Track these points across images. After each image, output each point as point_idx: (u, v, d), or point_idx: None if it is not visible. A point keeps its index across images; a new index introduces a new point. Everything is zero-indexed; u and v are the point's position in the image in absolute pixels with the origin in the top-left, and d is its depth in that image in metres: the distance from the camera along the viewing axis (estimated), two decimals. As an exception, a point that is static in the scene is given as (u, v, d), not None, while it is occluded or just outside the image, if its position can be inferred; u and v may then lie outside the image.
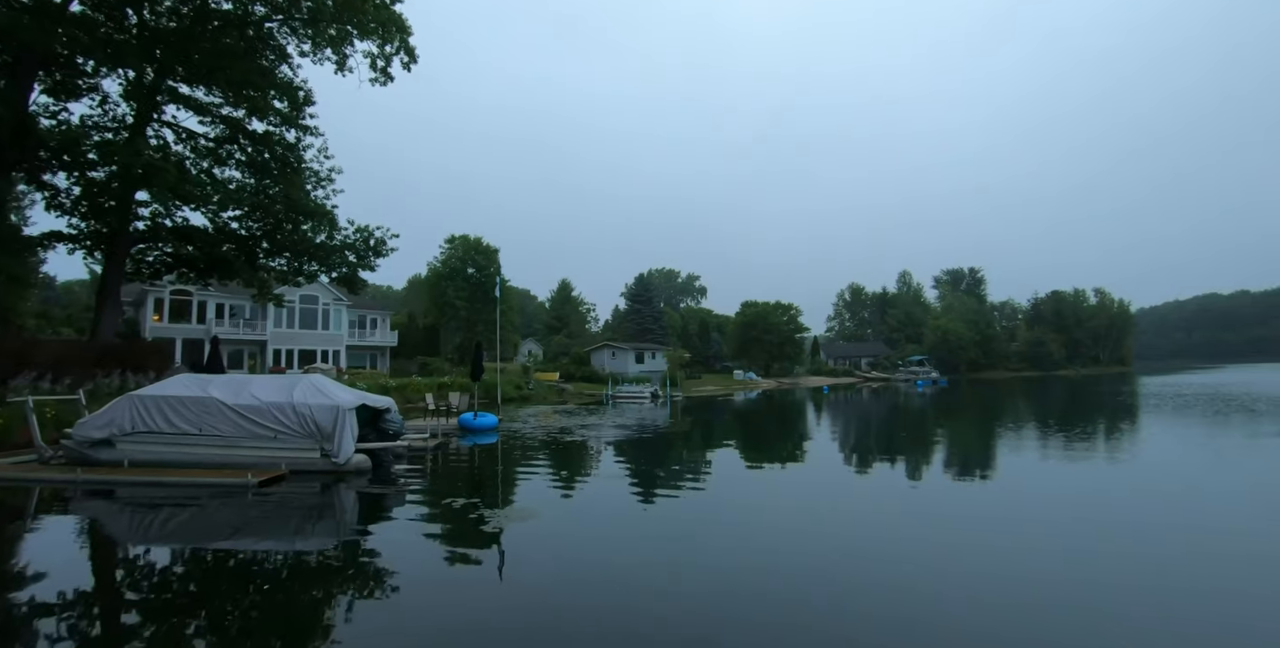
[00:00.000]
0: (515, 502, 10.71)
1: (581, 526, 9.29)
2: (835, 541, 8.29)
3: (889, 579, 6.70)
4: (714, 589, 6.35)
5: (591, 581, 6.75)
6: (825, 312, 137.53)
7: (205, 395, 12.63)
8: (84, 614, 5.93)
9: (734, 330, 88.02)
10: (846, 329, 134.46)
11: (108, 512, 10.37)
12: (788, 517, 9.74)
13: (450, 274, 62.71)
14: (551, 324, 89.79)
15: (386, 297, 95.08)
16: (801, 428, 25.86)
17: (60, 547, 8.37)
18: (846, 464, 15.58)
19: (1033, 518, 9.50)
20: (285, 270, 26.65)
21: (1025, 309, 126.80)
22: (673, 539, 8.32)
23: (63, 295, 59.82)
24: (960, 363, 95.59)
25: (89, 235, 22.78)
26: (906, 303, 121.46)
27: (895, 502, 10.84)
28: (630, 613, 5.80)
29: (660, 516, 9.95)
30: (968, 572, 6.97)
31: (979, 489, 12.03)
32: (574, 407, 35.63)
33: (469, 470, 14.59)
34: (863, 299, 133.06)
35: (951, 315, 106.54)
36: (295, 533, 9.02)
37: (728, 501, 11.06)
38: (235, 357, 40.94)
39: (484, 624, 5.56)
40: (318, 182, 25.62)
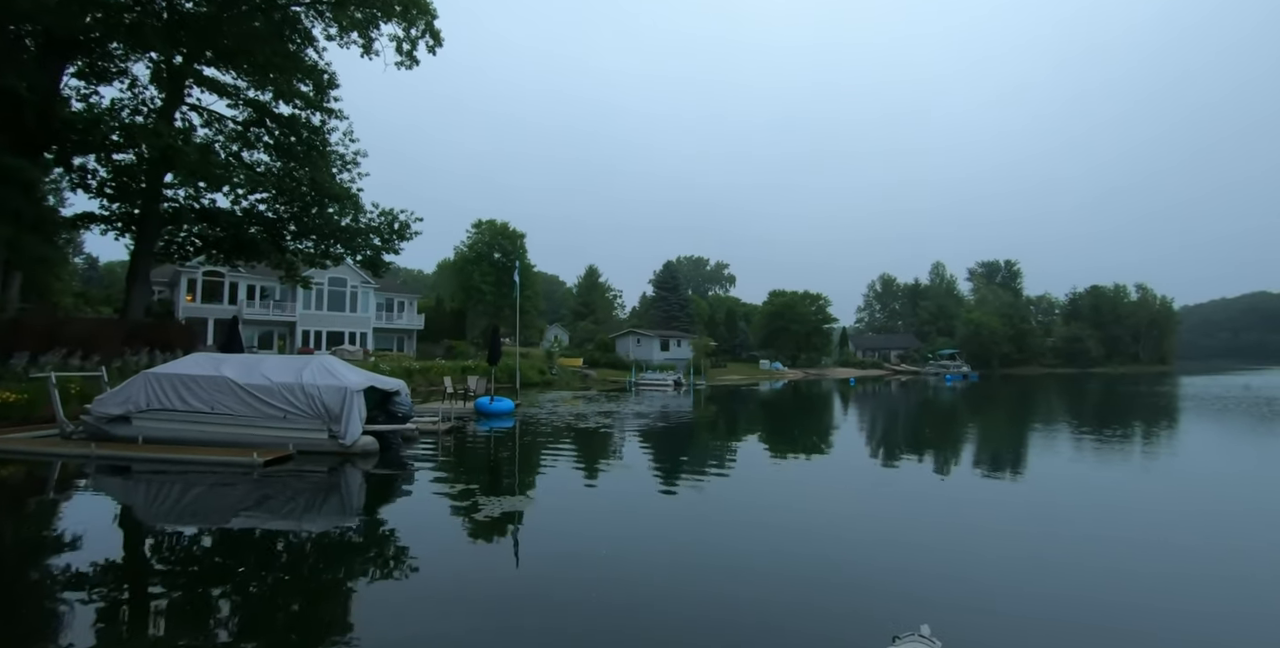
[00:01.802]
0: (525, 489, 10.59)
1: (593, 515, 9.12)
2: (852, 541, 7.97)
3: (896, 584, 6.38)
4: (721, 587, 6.12)
5: (600, 574, 6.50)
6: (855, 302, 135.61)
7: (218, 375, 12.74)
8: (101, 586, 5.99)
9: (761, 320, 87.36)
10: (876, 321, 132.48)
11: (123, 487, 10.55)
12: (806, 514, 9.42)
13: (476, 259, 63.07)
14: (578, 310, 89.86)
15: (416, 280, 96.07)
16: (826, 420, 25.40)
17: (79, 520, 8.52)
18: (870, 459, 15.17)
19: (1055, 526, 8.97)
20: (312, 253, 26.93)
21: (1062, 304, 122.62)
22: (687, 534, 8.07)
23: (104, 275, 61.56)
24: (993, 358, 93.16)
25: (119, 217, 23.23)
26: (939, 295, 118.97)
27: (915, 502, 10.37)
28: (639, 610, 5.58)
29: (677, 507, 9.71)
30: (978, 583, 6.62)
31: (1004, 493, 11.49)
32: (596, 393, 35.59)
33: (481, 455, 14.54)
34: (894, 290, 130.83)
35: (985, 309, 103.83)
36: (301, 514, 9.05)
37: (747, 493, 10.77)
38: (265, 338, 41.72)
39: (488, 612, 5.43)
40: (343, 165, 25.71)
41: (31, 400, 14.64)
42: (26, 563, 6.81)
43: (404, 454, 13.39)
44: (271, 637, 4.96)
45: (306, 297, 41.98)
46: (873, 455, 15.69)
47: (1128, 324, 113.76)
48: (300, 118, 24.22)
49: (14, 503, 9.68)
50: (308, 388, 12.51)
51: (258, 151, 24.91)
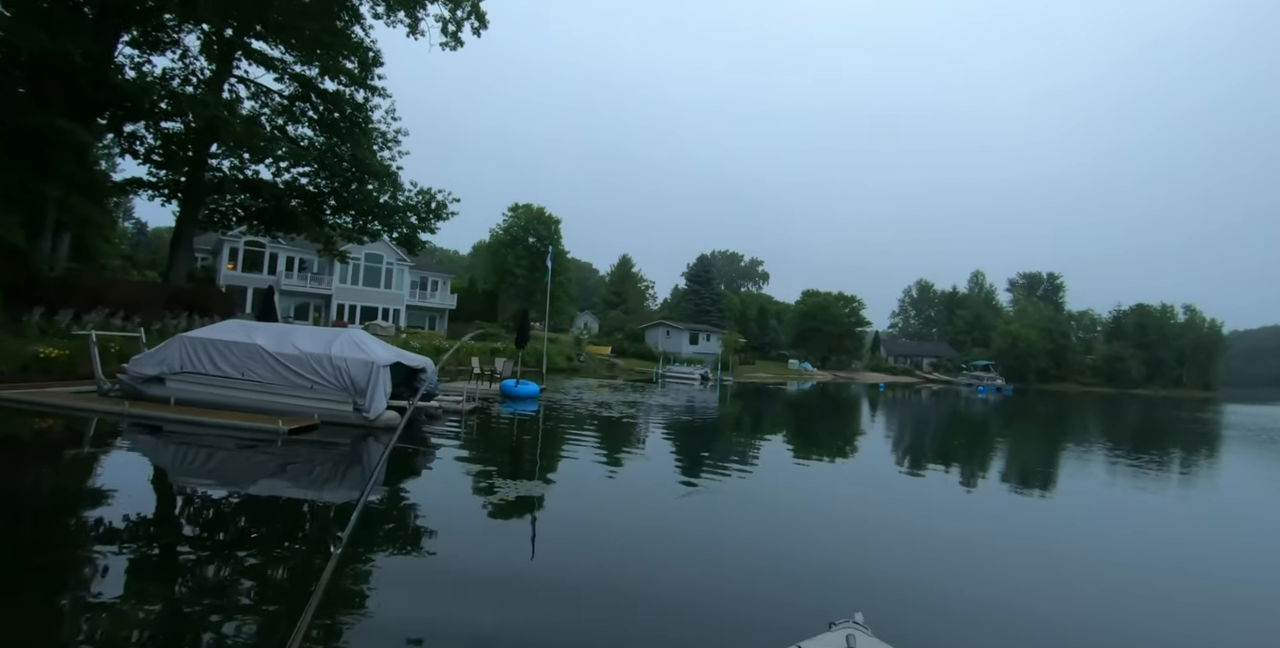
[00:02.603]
0: (544, 474, 10.52)
1: (608, 505, 9.01)
2: (869, 551, 7.74)
3: (903, 598, 6.14)
4: (730, 587, 5.96)
5: (611, 564, 6.38)
6: (889, 307, 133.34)
7: (250, 342, 12.90)
8: (131, 540, 6.09)
9: (793, 319, 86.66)
10: (910, 327, 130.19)
11: (154, 446, 10.74)
12: (820, 518, 9.25)
13: (511, 242, 63.46)
14: (609, 299, 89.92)
15: (452, 261, 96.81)
16: (853, 425, 25.00)
17: (112, 475, 8.79)
18: (894, 467, 14.78)
19: (1078, 551, 8.55)
20: (350, 228, 27.32)
21: (1105, 321, 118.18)
22: (699, 530, 7.94)
23: (152, 240, 63.32)
24: (1029, 372, 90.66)
25: (166, 184, 23.80)
26: (977, 304, 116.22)
27: (931, 513, 10.05)
28: (638, 602, 5.47)
29: (693, 503, 9.53)
30: (997, 604, 6.35)
31: (1023, 509, 11.06)
32: (622, 382, 35.58)
33: (502, 437, 14.57)
34: (930, 297, 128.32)
35: (1024, 321, 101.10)
36: (323, 484, 9.16)
37: (765, 493, 10.57)
38: (302, 309, 42.48)
39: (498, 595, 5.33)
40: (384, 142, 25.94)
41: (73, 357, 15.03)
42: (62, 513, 7.03)
43: (426, 431, 13.45)
44: (290, 603, 4.95)
45: (343, 271, 42.61)
46: (897, 463, 15.32)
47: (1173, 346, 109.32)
48: (344, 94, 24.44)
49: (53, 455, 10.05)
50: (335, 360, 12.61)
51: (302, 126, 25.25)
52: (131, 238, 63.07)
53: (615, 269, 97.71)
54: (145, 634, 4.32)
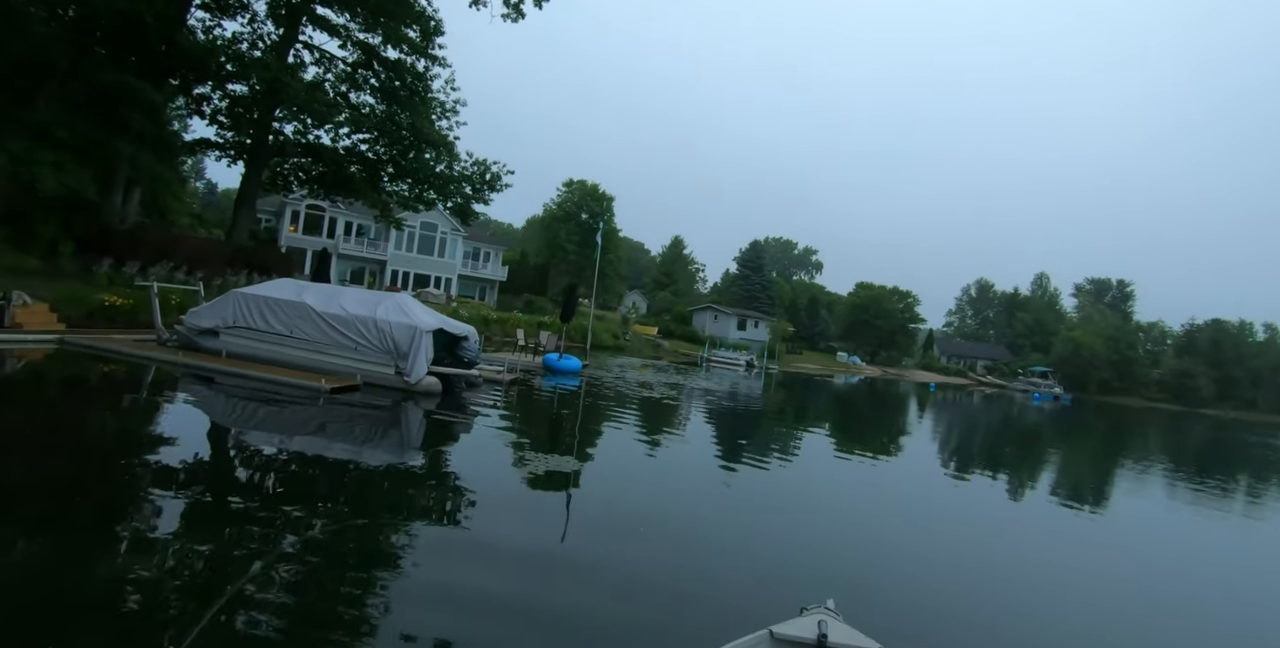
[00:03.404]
0: (579, 450, 10.39)
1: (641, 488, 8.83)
2: (901, 554, 7.45)
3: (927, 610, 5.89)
4: (749, 580, 5.81)
5: (638, 547, 6.29)
6: (946, 305, 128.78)
7: (300, 301, 13.08)
8: (184, 485, 6.31)
9: (844, 311, 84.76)
10: (966, 327, 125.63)
11: (206, 396, 11.02)
12: (858, 518, 8.95)
13: (564, 217, 63.54)
14: (659, 279, 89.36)
15: (505, 234, 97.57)
16: (899, 423, 24.28)
17: (168, 421, 9.12)
18: (939, 469, 14.23)
19: (1107, 568, 8.07)
20: (406, 196, 27.63)
21: (1176, 335, 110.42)
22: (729, 520, 7.75)
23: (221, 201, 65.56)
24: (1089, 382, 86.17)
25: (233, 145, 24.44)
26: (1039, 308, 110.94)
27: (980, 526, 9.58)
28: (662, 586, 5.36)
29: (726, 491, 9.34)
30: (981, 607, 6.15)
31: (1068, 525, 10.40)
32: (666, 364, 35.37)
33: (541, 411, 14.54)
34: (990, 297, 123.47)
35: (1088, 329, 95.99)
36: (362, 443, 9.23)
37: (801, 486, 10.34)
38: (357, 274, 43.46)
39: (526, 568, 5.30)
40: (443, 112, 26.02)
41: (136, 306, 15.55)
42: (121, 453, 7.35)
43: (465, 398, 13.48)
44: (325, 558, 5.07)
45: (398, 238, 43.32)
46: (942, 466, 14.73)
47: (1248, 366, 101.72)
48: (406, 63, 24.52)
49: (114, 398, 10.50)
50: (380, 323, 12.68)
51: (364, 93, 25.50)
52: (202, 198, 65.52)
53: (667, 250, 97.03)
54: (189, 574, 4.50)
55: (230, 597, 4.09)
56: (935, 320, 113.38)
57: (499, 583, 4.88)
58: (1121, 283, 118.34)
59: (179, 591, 4.26)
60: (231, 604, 4.07)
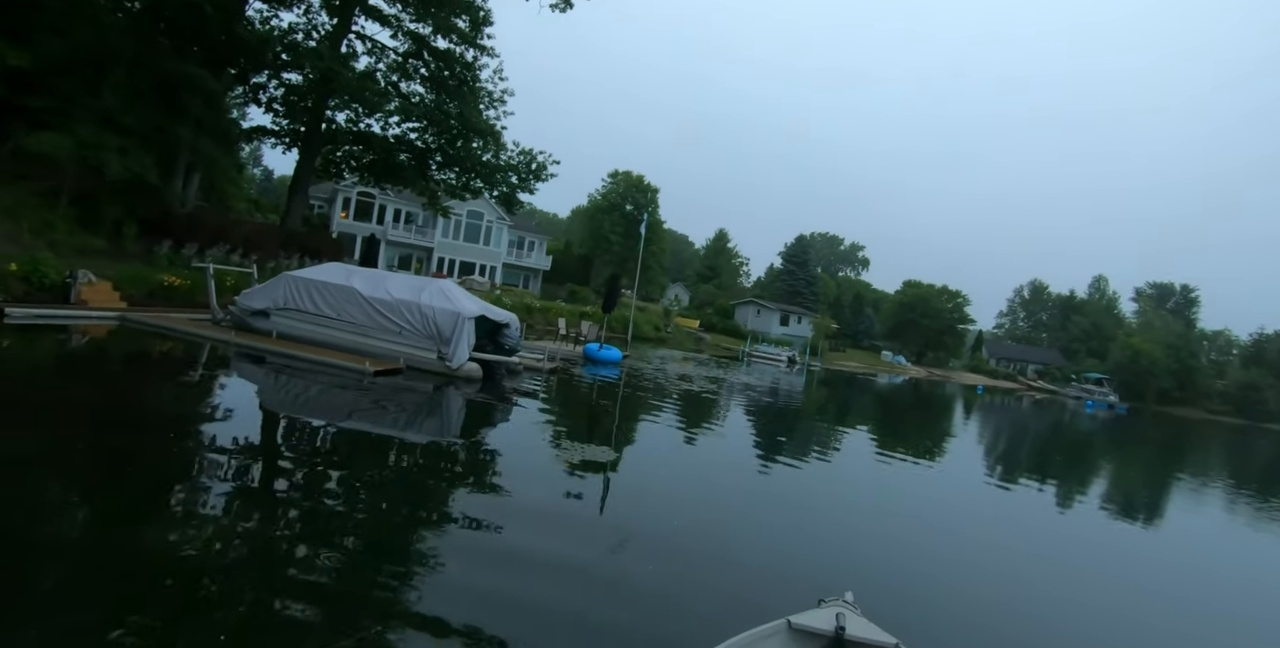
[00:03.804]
0: (616, 440, 10.34)
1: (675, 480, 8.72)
2: (932, 557, 7.26)
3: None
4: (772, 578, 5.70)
5: (670, 540, 6.24)
6: (997, 306, 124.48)
7: (347, 285, 13.31)
8: (236, 458, 6.57)
9: (890, 309, 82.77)
10: (1018, 329, 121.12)
11: (257, 374, 11.34)
12: (891, 519, 8.67)
13: (609, 208, 63.57)
14: (702, 272, 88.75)
15: (550, 223, 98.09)
16: (944, 426, 23.62)
17: (221, 397, 9.55)
18: (984, 476, 13.70)
19: (1180, 593, 7.73)
20: (453, 184, 27.94)
21: (1244, 345, 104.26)
22: (762, 518, 7.64)
23: (277, 187, 67.51)
24: (1147, 390, 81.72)
25: (287, 132, 25.09)
26: (1096, 312, 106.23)
27: (1018, 534, 9.20)
28: (688, 583, 5.27)
29: (761, 489, 9.20)
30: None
31: (1125, 542, 9.92)
32: (707, 357, 35.14)
33: (580, 400, 14.53)
34: (1043, 299, 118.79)
35: (1148, 335, 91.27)
36: (404, 426, 9.40)
37: (838, 487, 10.10)
38: (405, 260, 44.25)
39: (556, 558, 5.29)
40: (490, 101, 26.15)
41: (193, 287, 16.06)
42: (177, 427, 7.63)
43: (505, 385, 13.56)
44: (370, 536, 5.25)
45: (445, 225, 43.92)
46: (987, 472, 14.18)
47: None
48: (455, 52, 24.67)
49: (171, 374, 10.87)
50: (424, 308, 12.82)
51: (414, 83, 25.77)
52: (259, 184, 67.58)
53: (711, 243, 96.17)
54: (238, 544, 4.65)
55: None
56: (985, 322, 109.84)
57: (533, 569, 4.91)
58: (1186, 288, 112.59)
59: (224, 559, 4.41)
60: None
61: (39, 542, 4.29)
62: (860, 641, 3.46)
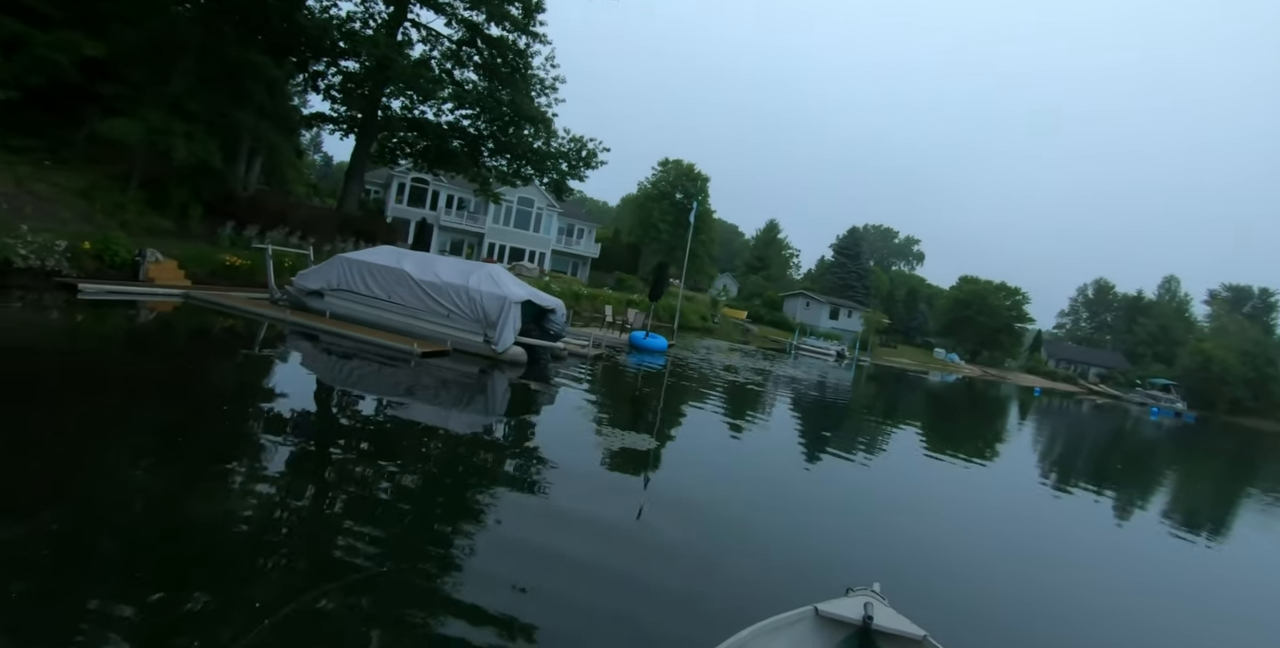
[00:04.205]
0: (658, 430, 10.25)
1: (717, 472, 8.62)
2: (973, 560, 7.07)
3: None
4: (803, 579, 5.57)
5: (705, 530, 6.21)
6: (1059, 305, 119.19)
7: (398, 267, 13.53)
8: (291, 434, 6.86)
9: (945, 305, 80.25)
10: (1080, 330, 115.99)
11: (311, 353, 11.63)
12: (934, 520, 8.42)
13: (659, 196, 63.26)
14: (752, 263, 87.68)
15: (600, 211, 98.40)
16: (998, 427, 22.79)
17: (278, 373, 9.83)
18: (1038, 481, 13.10)
19: (1241, 612, 7.25)
20: (505, 171, 28.16)
21: None
22: (799, 514, 7.48)
23: (335, 172, 69.37)
24: (1218, 399, 76.80)
25: (345, 119, 25.63)
26: (1165, 314, 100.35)
27: (1066, 542, 8.75)
28: (720, 575, 5.25)
29: (806, 481, 9.09)
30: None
31: (1184, 557, 9.31)
32: (754, 349, 34.71)
33: (624, 387, 14.50)
34: (1109, 299, 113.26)
35: (1221, 341, 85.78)
36: (450, 406, 9.58)
37: (881, 485, 9.85)
38: (457, 245, 44.94)
39: (597, 544, 5.35)
40: (542, 89, 26.16)
41: (253, 267, 16.59)
42: (236, 400, 8.06)
43: (550, 369, 13.61)
44: (413, 513, 5.40)
45: (496, 212, 44.44)
46: (1041, 477, 13.53)
47: None
48: (508, 40, 24.71)
49: (231, 350, 11.29)
50: (472, 292, 12.94)
51: (467, 70, 25.92)
52: (319, 169, 69.50)
53: (761, 233, 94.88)
54: (289, 515, 4.90)
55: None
56: (1045, 321, 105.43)
57: (571, 546, 5.09)
58: (1265, 292, 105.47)
59: (281, 519, 4.74)
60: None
61: (102, 506, 4.49)
62: (887, 631, 3.42)
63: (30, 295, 11.43)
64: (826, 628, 3.51)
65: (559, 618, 4.02)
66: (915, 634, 3.41)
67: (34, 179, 14.96)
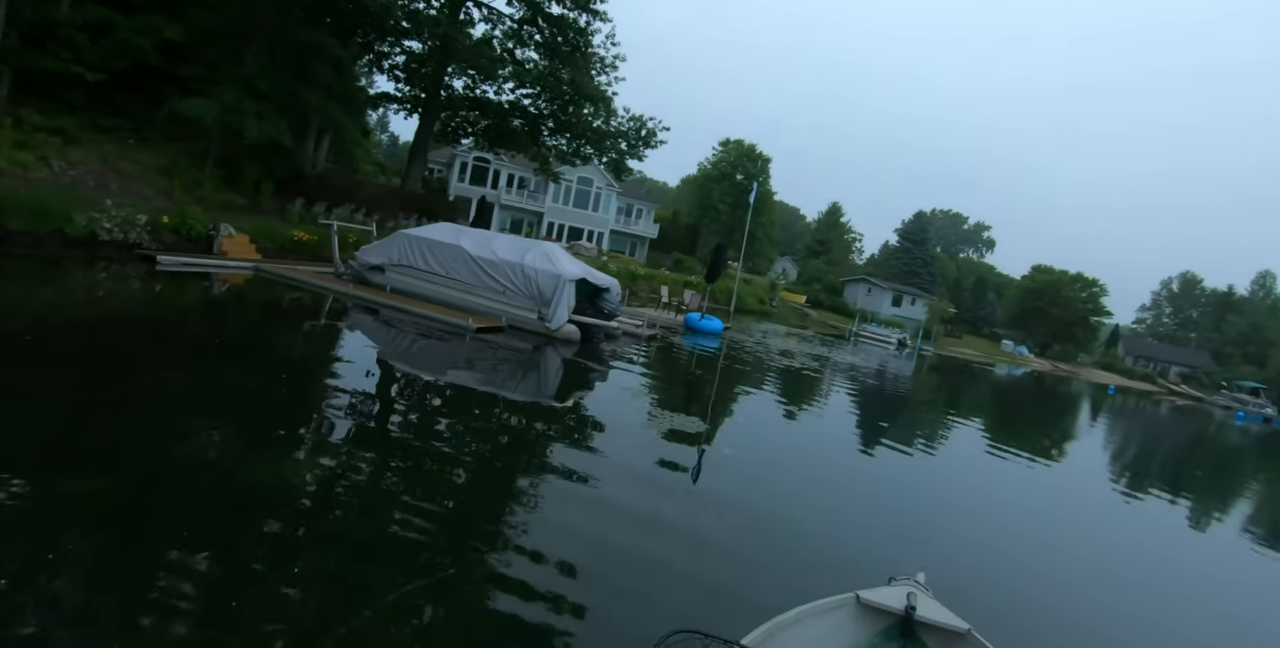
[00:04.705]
0: (709, 413, 10.11)
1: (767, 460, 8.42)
2: (1024, 562, 6.74)
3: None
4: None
5: (750, 511, 6.10)
6: (1139, 299, 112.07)
7: (456, 244, 13.68)
8: (355, 400, 7.15)
9: (1015, 295, 76.78)
10: (1162, 327, 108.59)
11: (372, 326, 11.92)
12: (989, 516, 8.11)
13: (719, 177, 62.38)
14: (812, 247, 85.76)
15: (659, 192, 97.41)
16: (1067, 425, 21.68)
17: (342, 344, 10.19)
18: (1107, 483, 12.33)
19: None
20: (564, 150, 28.17)
21: None
22: (856, 498, 7.46)
23: (401, 152, 70.96)
24: None
25: (409, 98, 26.07)
26: (1258, 312, 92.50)
27: (1133, 554, 8.11)
28: (764, 566, 5.15)
29: (860, 472, 8.86)
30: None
31: (1267, 574, 8.74)
32: (812, 334, 34.02)
33: (677, 369, 14.37)
34: (1195, 294, 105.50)
35: None
36: (504, 382, 9.68)
37: (935, 478, 9.48)
38: (516, 224, 45.43)
39: (644, 525, 5.32)
40: (602, 67, 25.96)
41: (319, 242, 17.08)
42: (302, 369, 8.45)
43: (603, 348, 13.60)
44: (463, 488, 5.52)
45: (556, 191, 44.69)
46: (1111, 480, 12.72)
47: None
48: (568, 18, 24.51)
49: (297, 321, 11.73)
50: (527, 269, 12.98)
51: (528, 49, 25.91)
52: (386, 149, 71.18)
53: (823, 216, 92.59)
54: (350, 476, 5.16)
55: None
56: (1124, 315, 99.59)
57: (617, 527, 5.11)
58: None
59: (337, 489, 4.88)
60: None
61: (172, 466, 4.73)
62: (930, 622, 3.33)
63: (114, 266, 12.08)
64: (868, 616, 3.45)
65: (605, 597, 4.05)
66: (959, 628, 3.29)
67: (119, 157, 15.75)
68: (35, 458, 4.45)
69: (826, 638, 3.30)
